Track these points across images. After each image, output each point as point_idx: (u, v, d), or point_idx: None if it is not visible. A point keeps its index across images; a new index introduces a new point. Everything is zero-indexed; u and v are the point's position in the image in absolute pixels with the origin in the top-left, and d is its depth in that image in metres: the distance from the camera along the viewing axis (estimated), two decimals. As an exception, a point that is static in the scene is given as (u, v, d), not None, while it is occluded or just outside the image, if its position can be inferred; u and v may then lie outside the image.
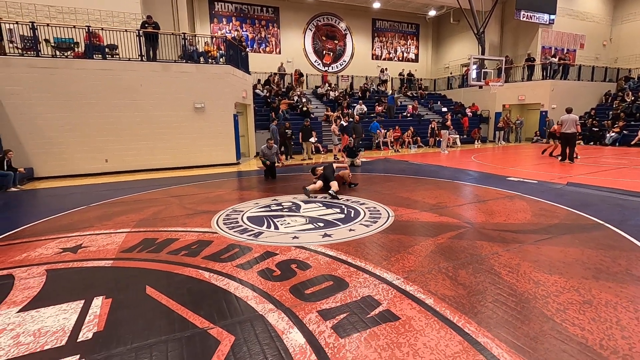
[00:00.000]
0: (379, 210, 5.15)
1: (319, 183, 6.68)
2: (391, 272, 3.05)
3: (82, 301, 2.69)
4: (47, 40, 9.74)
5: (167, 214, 5.28)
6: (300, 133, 11.87)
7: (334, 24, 22.21)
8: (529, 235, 3.96)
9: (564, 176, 7.67)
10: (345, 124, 12.86)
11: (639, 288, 2.70)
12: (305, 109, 15.70)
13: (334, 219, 4.76)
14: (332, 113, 15.51)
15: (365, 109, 16.55)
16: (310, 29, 21.62)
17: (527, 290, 2.70)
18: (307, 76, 20.23)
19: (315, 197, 6.20)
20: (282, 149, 12.64)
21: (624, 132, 15.13)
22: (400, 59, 24.30)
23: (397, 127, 15.91)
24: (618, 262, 3.19)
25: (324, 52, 22.14)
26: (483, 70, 13.55)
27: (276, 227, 4.46)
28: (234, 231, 4.34)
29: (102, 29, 10.07)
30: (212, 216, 5.07)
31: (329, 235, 4.08)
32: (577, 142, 10.43)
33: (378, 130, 15.49)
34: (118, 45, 10.45)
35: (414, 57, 24.87)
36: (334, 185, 6.62)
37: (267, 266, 3.26)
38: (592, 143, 15.78)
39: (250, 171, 10.27)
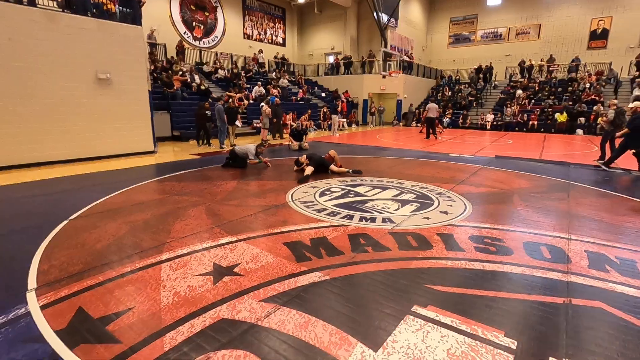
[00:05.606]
0: (427, 187, 5.75)
1: (310, 168, 6.71)
2: (550, 231, 3.82)
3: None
4: None
5: (235, 215, 4.26)
6: (225, 115, 10.58)
7: (203, -7, 20.02)
8: (551, 194, 5.45)
9: (477, 150, 10.16)
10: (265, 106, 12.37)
11: (660, 216, 4.44)
12: (203, 87, 13.98)
13: (416, 199, 5.08)
14: (234, 94, 14.41)
15: (264, 91, 16.12)
16: (177, -6, 18.77)
17: (628, 225, 4.00)
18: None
19: (352, 180, 6.21)
20: (201, 132, 11.12)
21: (452, 118, 20.52)
22: (270, 41, 24.33)
23: (294, 112, 16.29)
24: (629, 203, 4.97)
25: (194, 23, 19.77)
26: (388, 62, 15.59)
27: (389, 212, 4.45)
28: (358, 221, 4.08)
29: None
30: (289, 209, 4.47)
31: (449, 213, 4.45)
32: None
33: (284, 114, 15.48)
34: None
35: (281, 41, 25.32)
36: (337, 168, 6.93)
37: (470, 243, 3.45)
38: (433, 126, 20.63)
39: (191, 160, 8.58)
